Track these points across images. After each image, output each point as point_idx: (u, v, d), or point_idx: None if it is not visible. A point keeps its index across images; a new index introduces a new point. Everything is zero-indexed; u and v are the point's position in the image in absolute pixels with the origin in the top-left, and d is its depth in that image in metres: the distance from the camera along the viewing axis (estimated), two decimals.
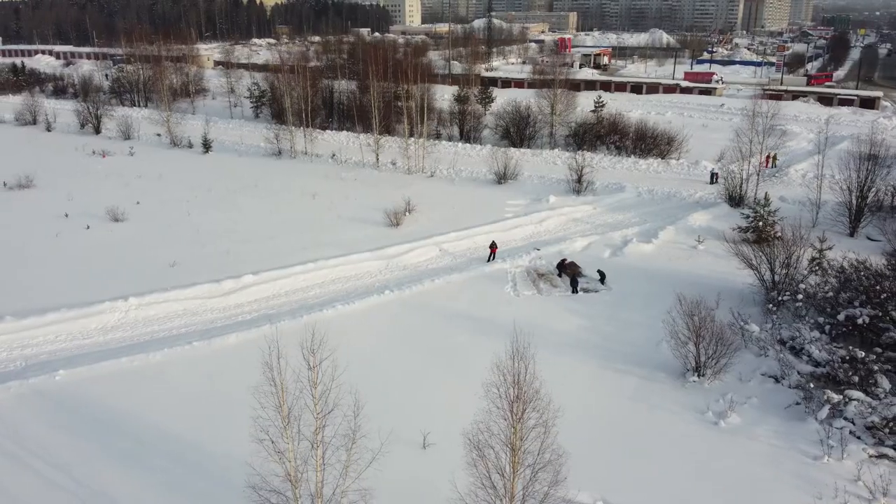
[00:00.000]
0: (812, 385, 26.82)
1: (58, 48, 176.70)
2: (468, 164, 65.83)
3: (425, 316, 34.76)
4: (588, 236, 46.50)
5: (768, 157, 67.04)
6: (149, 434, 25.44)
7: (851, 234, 46.51)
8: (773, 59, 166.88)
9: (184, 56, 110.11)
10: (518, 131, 74.11)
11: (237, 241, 46.47)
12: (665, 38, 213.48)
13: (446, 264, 42.88)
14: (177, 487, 22.46)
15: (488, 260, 43.04)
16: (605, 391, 28.13)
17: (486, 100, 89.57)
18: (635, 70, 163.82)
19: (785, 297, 32.95)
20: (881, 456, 23.98)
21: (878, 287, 30.39)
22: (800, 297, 32.32)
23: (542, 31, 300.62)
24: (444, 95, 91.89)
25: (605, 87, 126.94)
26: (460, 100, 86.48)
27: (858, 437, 24.88)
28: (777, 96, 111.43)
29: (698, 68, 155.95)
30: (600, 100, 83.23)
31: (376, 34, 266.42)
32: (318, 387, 16.16)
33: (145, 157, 72.21)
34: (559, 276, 40.01)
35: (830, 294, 32.12)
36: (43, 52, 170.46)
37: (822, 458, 23.65)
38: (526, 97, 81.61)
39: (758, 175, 52.04)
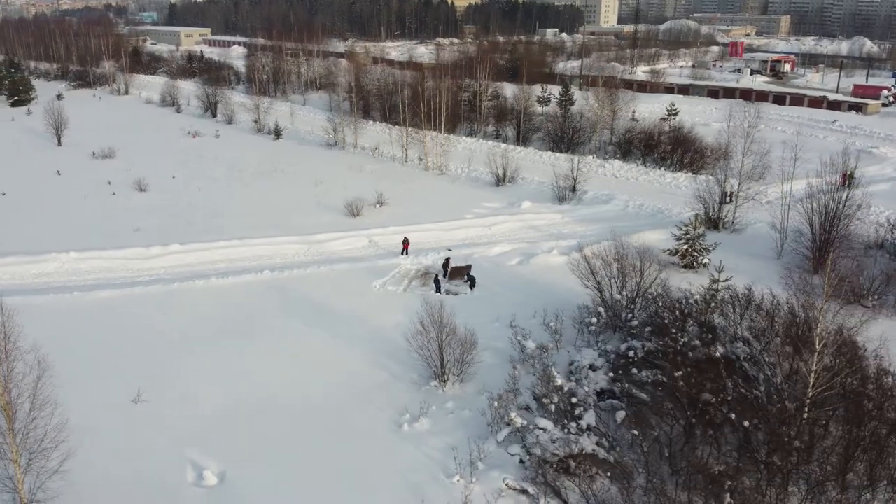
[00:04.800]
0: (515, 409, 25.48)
1: (254, 41, 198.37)
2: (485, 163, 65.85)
3: (266, 297, 37.28)
4: (515, 243, 45.49)
5: (844, 174, 59.33)
6: None
7: (816, 271, 40.53)
8: None
9: (314, 51, 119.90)
10: (564, 135, 72.35)
11: (211, 215, 51.94)
12: (868, 45, 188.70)
13: (361, 255, 44.69)
14: None
15: (401, 254, 44.17)
16: (342, 382, 28.78)
17: (567, 102, 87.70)
18: (810, 80, 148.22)
19: (590, 320, 30.78)
20: (522, 491, 22.53)
21: (661, 321, 27.57)
22: (594, 320, 30.06)
23: (748, 35, 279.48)
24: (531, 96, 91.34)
25: (746, 95, 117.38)
26: (543, 101, 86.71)
27: (527, 468, 23.45)
28: None
29: (888, 82, 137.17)
30: (673, 108, 78.12)
31: (563, 35, 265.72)
32: None
33: (226, 139, 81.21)
34: (444, 276, 40.22)
35: (636, 322, 29.50)
36: (238, 45, 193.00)
37: (454, 478, 22.81)
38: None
39: (733, 198, 46.95)
